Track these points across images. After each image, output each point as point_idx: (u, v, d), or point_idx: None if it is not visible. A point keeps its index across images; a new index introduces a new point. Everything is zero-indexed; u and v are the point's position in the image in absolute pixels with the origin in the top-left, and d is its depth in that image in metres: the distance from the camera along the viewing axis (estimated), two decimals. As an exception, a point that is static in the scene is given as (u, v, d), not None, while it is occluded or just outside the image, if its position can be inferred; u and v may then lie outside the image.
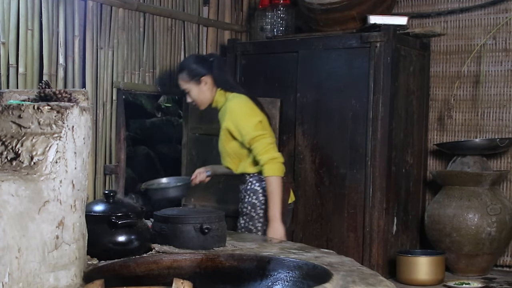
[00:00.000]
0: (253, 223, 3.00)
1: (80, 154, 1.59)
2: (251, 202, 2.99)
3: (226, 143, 3.03)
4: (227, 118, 2.98)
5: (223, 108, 3.06)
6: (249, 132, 2.92)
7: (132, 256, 1.90)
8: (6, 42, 2.94)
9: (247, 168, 3.00)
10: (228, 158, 3.10)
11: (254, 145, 2.91)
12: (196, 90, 3.09)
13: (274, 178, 2.87)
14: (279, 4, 3.99)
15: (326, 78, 3.63)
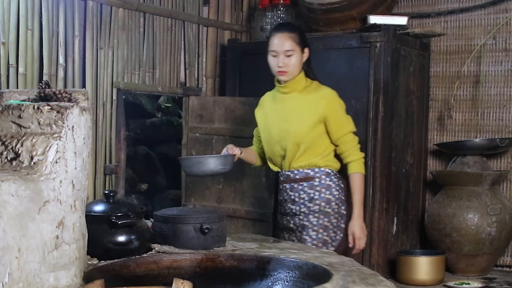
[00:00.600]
0: (328, 220, 2.74)
1: (80, 154, 1.59)
2: (325, 198, 2.74)
3: (311, 130, 2.73)
4: (326, 106, 2.73)
5: (311, 96, 2.76)
6: (347, 126, 2.76)
7: (132, 256, 1.90)
8: (6, 42, 2.94)
9: (317, 161, 2.75)
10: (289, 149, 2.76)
11: (347, 139, 2.74)
12: (298, 58, 2.75)
13: (362, 176, 2.75)
14: (279, 4, 3.99)
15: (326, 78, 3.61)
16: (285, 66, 2.72)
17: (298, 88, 2.78)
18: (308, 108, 2.74)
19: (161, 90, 3.85)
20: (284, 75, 2.73)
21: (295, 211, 2.78)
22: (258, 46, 3.96)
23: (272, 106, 2.86)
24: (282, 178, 2.83)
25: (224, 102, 3.85)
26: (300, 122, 2.74)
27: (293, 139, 2.73)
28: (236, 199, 3.74)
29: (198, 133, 3.91)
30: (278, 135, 2.78)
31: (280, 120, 2.79)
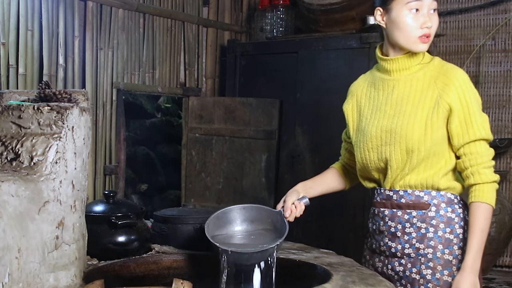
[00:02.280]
0: (449, 272, 1.85)
1: (80, 155, 1.59)
2: (444, 238, 1.85)
3: (431, 131, 1.85)
4: (454, 95, 1.85)
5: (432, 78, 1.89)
6: (478, 129, 1.84)
7: (132, 256, 1.90)
8: (6, 42, 2.94)
9: (436, 181, 1.86)
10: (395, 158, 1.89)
11: (475, 150, 1.83)
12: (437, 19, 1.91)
13: (488, 208, 1.80)
14: (279, 4, 4.00)
15: (325, 79, 3.63)
16: (431, 28, 1.86)
17: (412, 65, 1.91)
18: (427, 97, 1.87)
19: (161, 91, 3.85)
20: (427, 42, 1.87)
21: (395, 251, 1.91)
22: (258, 46, 3.97)
23: (370, 93, 2.01)
24: (379, 199, 1.96)
25: (224, 103, 3.85)
26: (413, 118, 1.87)
27: (401, 145, 1.87)
28: (236, 199, 3.74)
29: (198, 133, 3.91)
30: (377, 137, 1.92)
31: (382, 115, 1.93)
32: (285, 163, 3.68)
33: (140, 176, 5.35)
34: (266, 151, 3.68)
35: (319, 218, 3.68)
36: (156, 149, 5.58)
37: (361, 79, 2.08)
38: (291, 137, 3.72)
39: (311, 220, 3.70)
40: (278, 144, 3.68)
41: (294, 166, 3.71)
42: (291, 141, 3.73)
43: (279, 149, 3.70)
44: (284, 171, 3.67)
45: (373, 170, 1.95)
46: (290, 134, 3.72)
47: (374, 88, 1.98)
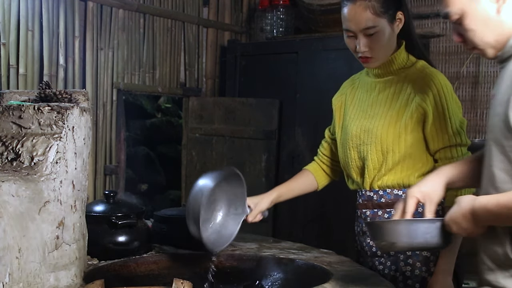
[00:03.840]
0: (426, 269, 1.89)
1: (80, 155, 1.59)
2: None
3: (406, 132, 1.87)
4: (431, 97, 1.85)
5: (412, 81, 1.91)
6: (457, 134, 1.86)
7: (132, 256, 1.90)
8: (7, 43, 2.95)
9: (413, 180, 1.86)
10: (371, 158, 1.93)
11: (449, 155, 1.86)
12: (385, 33, 1.87)
13: None
14: (279, 5, 4.00)
15: (325, 79, 3.63)
16: (369, 49, 1.89)
17: (395, 69, 1.94)
18: (403, 100, 1.89)
19: (161, 91, 3.85)
20: (368, 62, 1.93)
21: (376, 250, 1.96)
22: (258, 47, 3.97)
23: (357, 94, 2.06)
24: (361, 200, 2.02)
25: (224, 103, 3.85)
26: (388, 120, 1.90)
27: (376, 145, 1.91)
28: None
29: (198, 133, 3.91)
30: (357, 136, 1.97)
31: (363, 115, 1.98)
32: (285, 163, 3.68)
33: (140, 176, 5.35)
34: (266, 151, 3.68)
35: (319, 218, 3.68)
36: (156, 149, 5.58)
37: (352, 79, 2.14)
38: (291, 137, 3.72)
39: (311, 220, 3.70)
40: (278, 144, 3.68)
41: (294, 166, 3.71)
42: (291, 141, 3.73)
43: (279, 149, 3.70)
44: (284, 171, 3.67)
45: (353, 169, 1.99)
46: (290, 134, 3.72)
47: (361, 90, 2.03)
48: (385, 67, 1.94)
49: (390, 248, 1.51)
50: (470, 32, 1.40)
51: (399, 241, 1.45)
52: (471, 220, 1.39)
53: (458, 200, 1.43)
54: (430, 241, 1.46)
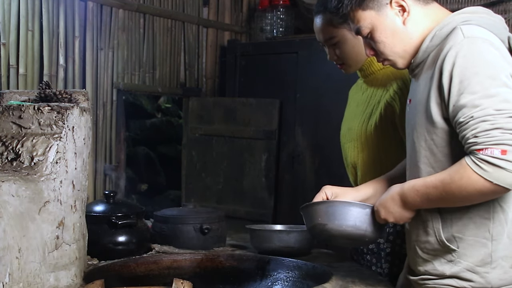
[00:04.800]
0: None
1: (80, 155, 1.59)
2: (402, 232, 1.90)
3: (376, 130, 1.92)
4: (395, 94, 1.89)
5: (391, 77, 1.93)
6: None
7: (132, 256, 1.90)
8: (7, 43, 2.95)
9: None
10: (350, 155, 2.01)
11: None
12: (350, 39, 1.94)
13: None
14: (279, 5, 4.00)
15: (325, 79, 3.63)
16: (337, 58, 1.99)
17: (376, 70, 1.99)
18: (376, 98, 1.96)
19: (161, 91, 3.85)
20: (343, 69, 2.02)
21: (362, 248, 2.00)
22: (258, 47, 3.97)
23: (354, 96, 2.14)
24: None
25: (224, 103, 3.85)
26: (363, 118, 1.96)
27: (355, 142, 1.97)
28: (236, 199, 3.74)
29: (198, 133, 3.91)
30: (344, 135, 2.07)
31: (350, 115, 2.08)
32: (285, 163, 3.68)
33: (140, 176, 5.36)
34: (266, 151, 3.68)
35: (319, 218, 3.68)
36: (156, 149, 5.59)
37: (356, 83, 2.17)
38: (291, 137, 3.72)
39: (311, 220, 3.70)
40: (278, 144, 3.68)
41: (294, 166, 3.71)
42: (291, 141, 3.73)
43: (279, 149, 3.70)
44: (284, 171, 3.67)
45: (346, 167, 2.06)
46: (290, 134, 3.72)
47: (357, 92, 2.10)
48: (366, 68, 2.00)
49: (322, 231, 1.55)
50: (381, 44, 1.51)
51: (330, 222, 1.51)
52: (399, 202, 1.46)
53: (388, 189, 1.51)
54: (360, 226, 1.50)
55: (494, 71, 1.31)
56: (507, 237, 1.40)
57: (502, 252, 1.40)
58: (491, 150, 1.26)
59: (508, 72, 1.33)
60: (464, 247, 1.42)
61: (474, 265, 1.42)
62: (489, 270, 1.40)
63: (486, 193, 1.31)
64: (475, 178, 1.29)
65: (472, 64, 1.33)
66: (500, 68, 1.32)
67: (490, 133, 1.26)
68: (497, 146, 1.25)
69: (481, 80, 1.31)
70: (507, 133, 1.25)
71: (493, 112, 1.27)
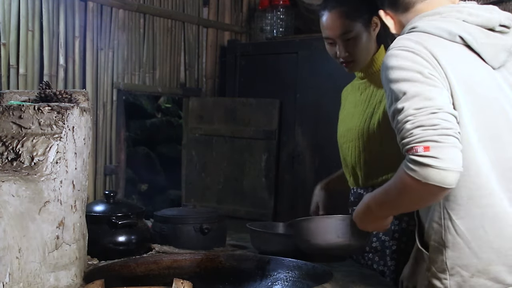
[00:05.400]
0: None
1: (81, 155, 1.59)
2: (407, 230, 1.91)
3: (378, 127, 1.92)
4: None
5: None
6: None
7: (132, 256, 1.90)
8: (7, 43, 2.95)
9: None
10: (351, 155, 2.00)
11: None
12: (363, 37, 1.96)
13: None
14: (279, 5, 4.00)
15: (325, 79, 3.63)
16: (348, 54, 1.98)
17: (375, 70, 2.01)
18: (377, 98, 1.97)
19: (161, 91, 3.85)
20: (350, 66, 2.02)
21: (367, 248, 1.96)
22: (258, 47, 3.97)
23: (350, 97, 2.14)
24: (352, 198, 2.05)
25: (224, 103, 3.85)
26: (365, 118, 1.96)
27: (356, 142, 1.97)
28: (236, 199, 3.74)
29: (198, 133, 3.91)
30: (343, 136, 2.07)
31: (348, 115, 2.08)
32: (285, 163, 3.68)
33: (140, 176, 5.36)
34: (266, 151, 3.68)
35: (319, 218, 3.67)
36: (156, 149, 5.59)
37: (350, 84, 2.20)
38: (291, 137, 3.72)
39: (311, 220, 3.70)
40: (278, 144, 3.68)
41: (294, 166, 3.71)
42: (291, 141, 3.73)
43: (279, 149, 3.70)
44: (284, 171, 3.67)
45: (344, 168, 2.07)
46: (290, 134, 3.72)
47: (352, 92, 2.12)
48: (366, 69, 2.02)
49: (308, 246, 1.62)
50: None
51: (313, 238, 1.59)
52: (368, 214, 1.50)
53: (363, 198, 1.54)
54: (342, 237, 1.57)
55: (411, 74, 1.33)
56: (466, 247, 1.38)
57: (460, 261, 1.38)
58: (415, 148, 1.25)
59: (427, 71, 1.34)
60: (431, 252, 1.43)
61: (436, 271, 1.42)
62: (447, 277, 1.40)
63: (423, 194, 1.31)
64: (407, 180, 1.29)
65: (391, 73, 1.36)
66: (417, 69, 1.34)
67: (412, 132, 1.27)
68: (419, 144, 1.25)
69: (401, 85, 1.33)
70: (429, 129, 1.25)
71: (413, 112, 1.28)
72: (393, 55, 1.39)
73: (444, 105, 1.29)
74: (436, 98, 1.30)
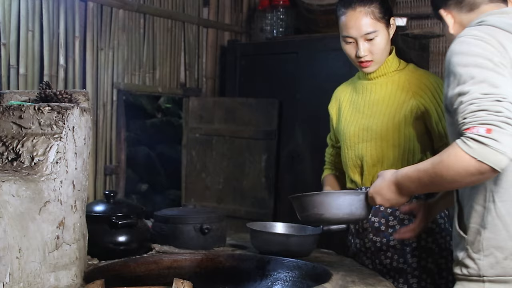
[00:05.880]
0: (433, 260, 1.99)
1: (81, 155, 1.59)
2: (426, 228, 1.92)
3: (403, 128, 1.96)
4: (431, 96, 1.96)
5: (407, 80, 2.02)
6: None
7: (133, 256, 1.90)
8: (7, 43, 2.95)
9: None
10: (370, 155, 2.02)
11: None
12: (384, 37, 1.99)
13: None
14: (279, 5, 4.00)
15: (325, 79, 3.63)
16: (369, 53, 1.99)
17: (389, 72, 2.04)
18: (401, 98, 1.99)
19: (161, 91, 3.85)
20: (369, 66, 2.01)
21: (381, 245, 2.00)
22: (258, 47, 3.97)
23: (351, 98, 2.14)
24: None
25: (224, 103, 3.85)
26: (387, 117, 1.98)
27: (376, 141, 1.99)
28: (236, 199, 3.74)
29: (198, 133, 3.91)
30: (355, 135, 2.05)
31: (360, 116, 2.06)
32: (285, 163, 3.68)
33: (140, 176, 5.36)
34: (266, 151, 3.69)
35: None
36: (156, 149, 5.58)
37: (344, 85, 2.23)
38: (291, 137, 3.73)
39: (311, 220, 3.70)
40: (278, 144, 3.69)
41: (294, 166, 3.71)
42: (291, 141, 3.73)
43: (279, 149, 3.70)
44: (284, 171, 3.67)
45: (350, 168, 2.07)
46: (290, 134, 3.72)
47: (355, 93, 2.12)
48: (380, 69, 2.05)
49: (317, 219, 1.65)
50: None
51: (327, 212, 1.61)
52: (395, 190, 1.55)
53: (380, 174, 1.61)
54: (355, 212, 1.62)
55: (481, 60, 1.39)
56: (504, 229, 1.45)
57: (496, 242, 1.46)
58: (477, 128, 1.31)
59: (497, 59, 1.40)
60: (469, 234, 1.49)
61: (472, 251, 1.49)
62: (481, 257, 1.47)
63: (472, 172, 1.33)
64: (461, 155, 1.33)
65: (460, 58, 1.42)
66: (487, 56, 1.40)
67: (476, 114, 1.32)
68: (482, 126, 1.30)
69: (469, 70, 1.38)
70: (493, 114, 1.31)
71: (479, 96, 1.34)
72: (464, 42, 1.45)
73: (509, 94, 1.34)
74: (502, 87, 1.35)
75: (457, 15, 1.62)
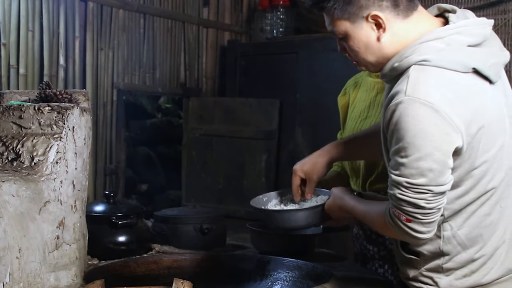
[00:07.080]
0: None
1: (81, 155, 1.59)
2: None
3: None
4: None
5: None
6: None
7: (133, 256, 1.90)
8: (7, 43, 2.95)
9: None
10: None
11: None
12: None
13: None
14: (279, 5, 4.00)
15: (325, 79, 3.63)
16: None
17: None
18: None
19: (161, 91, 3.86)
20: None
21: (373, 254, 1.95)
22: (258, 47, 3.97)
23: (358, 94, 2.05)
24: None
25: (224, 103, 3.85)
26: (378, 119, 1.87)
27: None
28: (236, 199, 3.74)
29: (198, 133, 3.91)
30: None
31: (359, 116, 2.00)
32: (285, 163, 3.68)
33: (140, 176, 5.36)
34: (266, 152, 3.69)
35: (319, 218, 3.67)
36: (156, 149, 5.58)
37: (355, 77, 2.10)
38: (291, 137, 3.73)
39: (311, 220, 3.70)
40: (278, 144, 3.69)
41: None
42: (291, 141, 3.73)
43: (279, 149, 3.70)
44: (284, 171, 3.67)
45: (349, 170, 2.02)
46: (290, 134, 3.72)
47: (362, 90, 2.02)
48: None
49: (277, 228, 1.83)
50: (353, 51, 1.52)
51: (286, 224, 1.76)
52: (344, 212, 1.67)
53: (332, 192, 1.72)
54: (311, 222, 1.77)
55: (422, 142, 1.32)
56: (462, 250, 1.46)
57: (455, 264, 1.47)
58: (399, 214, 1.39)
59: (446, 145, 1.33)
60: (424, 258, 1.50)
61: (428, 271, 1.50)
62: (441, 276, 1.48)
63: (396, 237, 1.48)
64: (387, 227, 1.45)
65: (405, 130, 1.33)
66: (436, 144, 1.33)
67: (399, 202, 1.37)
68: (403, 214, 1.38)
69: (408, 148, 1.33)
70: (412, 207, 1.36)
71: (406, 184, 1.35)
72: (416, 116, 1.33)
73: (439, 187, 1.35)
74: (436, 180, 1.34)
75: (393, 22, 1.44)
